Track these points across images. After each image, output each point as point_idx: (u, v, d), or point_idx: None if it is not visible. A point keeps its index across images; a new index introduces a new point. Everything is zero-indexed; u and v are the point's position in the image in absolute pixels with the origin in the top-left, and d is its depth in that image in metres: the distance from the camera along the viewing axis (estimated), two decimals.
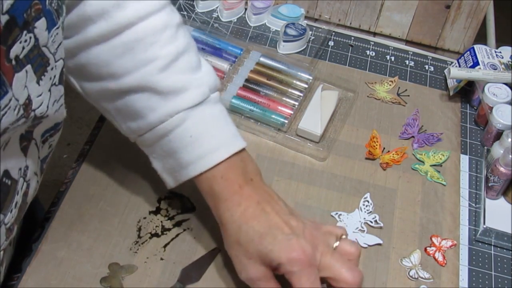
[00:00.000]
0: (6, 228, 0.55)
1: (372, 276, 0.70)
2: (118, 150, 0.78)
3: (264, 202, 0.62)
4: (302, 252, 0.58)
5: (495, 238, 0.74)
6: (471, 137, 0.87)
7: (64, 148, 1.85)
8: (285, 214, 0.62)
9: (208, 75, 0.65)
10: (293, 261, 0.58)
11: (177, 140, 0.62)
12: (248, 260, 0.60)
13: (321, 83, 0.88)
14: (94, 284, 0.65)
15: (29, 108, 0.49)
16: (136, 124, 0.64)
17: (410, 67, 0.96)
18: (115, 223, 0.71)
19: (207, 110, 0.63)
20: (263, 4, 0.98)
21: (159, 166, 0.66)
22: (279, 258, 0.58)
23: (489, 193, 0.78)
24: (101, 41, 0.61)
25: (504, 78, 0.86)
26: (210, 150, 0.62)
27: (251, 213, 0.61)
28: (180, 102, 0.62)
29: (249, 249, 0.60)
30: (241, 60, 0.90)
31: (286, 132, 0.82)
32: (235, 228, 0.61)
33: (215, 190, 0.62)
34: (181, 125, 0.62)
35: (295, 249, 0.58)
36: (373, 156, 0.82)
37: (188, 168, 0.62)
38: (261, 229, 0.60)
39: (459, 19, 0.96)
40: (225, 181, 0.62)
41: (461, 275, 0.71)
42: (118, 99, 0.64)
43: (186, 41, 0.64)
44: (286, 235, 0.59)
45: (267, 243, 0.59)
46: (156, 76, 0.61)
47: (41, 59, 0.49)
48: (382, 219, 0.75)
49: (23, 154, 0.54)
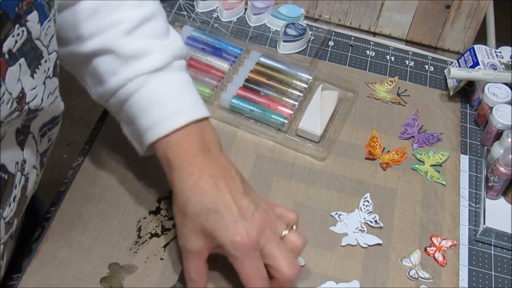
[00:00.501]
0: (5, 222, 0.55)
1: (372, 276, 0.70)
2: (118, 150, 0.78)
3: (218, 177, 0.60)
4: (247, 236, 0.57)
5: (495, 238, 0.74)
6: (471, 137, 0.87)
7: (64, 148, 1.85)
8: (238, 193, 0.60)
9: (175, 43, 0.65)
10: (236, 244, 0.58)
11: (137, 105, 0.62)
12: (190, 231, 0.60)
13: (321, 83, 0.88)
14: (94, 284, 0.65)
15: (23, 101, 0.49)
16: (101, 89, 0.64)
17: (410, 67, 0.96)
18: (115, 223, 0.71)
19: (169, 76, 0.63)
20: (263, 4, 0.98)
21: (127, 132, 0.66)
22: (221, 239, 0.58)
23: (489, 193, 0.78)
24: (69, 5, 0.61)
25: (504, 78, 0.86)
26: (167, 116, 0.61)
27: (202, 186, 0.59)
28: (140, 66, 0.62)
29: (193, 222, 0.59)
30: (241, 60, 0.90)
31: (286, 132, 0.82)
32: (183, 199, 0.60)
33: (169, 157, 0.61)
34: (140, 89, 0.62)
35: (240, 232, 0.57)
36: (373, 156, 0.82)
37: (146, 134, 0.62)
38: (209, 205, 0.58)
39: (459, 19, 0.96)
40: (179, 148, 0.61)
41: (461, 275, 0.71)
42: (86, 63, 0.64)
43: (154, 7, 0.64)
44: (234, 216, 0.58)
45: (213, 221, 0.58)
46: (120, 39, 0.62)
47: (34, 52, 0.50)
48: (382, 219, 0.75)
49: (20, 148, 0.55)
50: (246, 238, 0.58)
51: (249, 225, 0.58)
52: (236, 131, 0.82)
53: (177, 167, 0.61)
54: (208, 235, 0.59)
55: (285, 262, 0.59)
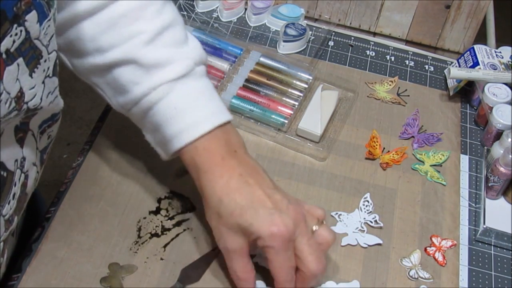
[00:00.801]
0: (5, 219, 0.55)
1: (372, 276, 0.70)
2: (118, 150, 0.78)
3: (247, 175, 0.61)
4: (284, 227, 0.58)
5: (495, 238, 0.74)
6: (471, 137, 0.87)
7: (64, 148, 1.85)
8: (269, 188, 0.61)
9: (194, 49, 0.65)
10: (273, 236, 0.58)
11: (161, 113, 0.63)
12: (227, 231, 0.61)
13: (321, 83, 0.88)
14: (94, 284, 0.65)
15: (22, 100, 0.50)
16: (123, 98, 0.65)
17: (410, 67, 0.96)
18: (115, 223, 0.71)
19: (192, 83, 0.64)
20: (263, 4, 0.98)
21: (151, 139, 0.67)
22: (259, 232, 0.58)
23: (489, 193, 0.78)
24: (87, 17, 0.62)
25: (504, 78, 0.86)
26: (193, 123, 0.62)
27: (233, 185, 0.60)
28: (163, 74, 0.62)
29: (229, 221, 0.60)
30: (241, 60, 0.90)
31: (286, 132, 0.82)
32: (216, 200, 0.61)
33: (197, 161, 0.62)
34: (165, 98, 0.62)
35: (277, 223, 0.58)
36: (373, 156, 0.82)
37: (173, 141, 0.63)
38: (242, 202, 0.59)
39: (459, 19, 0.96)
40: (207, 152, 0.62)
41: (461, 275, 0.71)
42: (105, 73, 0.64)
43: (173, 15, 0.64)
44: (269, 209, 0.59)
45: (248, 217, 0.59)
46: (141, 49, 0.62)
47: (33, 52, 0.50)
48: (382, 219, 0.75)
49: (19, 146, 0.55)
50: (284, 228, 0.58)
51: (285, 216, 0.59)
52: None
53: (205, 171, 0.62)
54: (246, 231, 0.59)
55: (313, 257, 0.60)
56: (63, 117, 0.63)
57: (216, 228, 0.62)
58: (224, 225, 0.61)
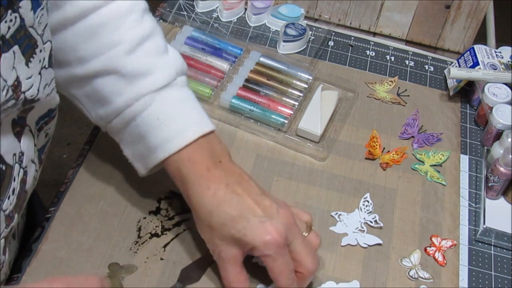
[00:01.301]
0: (5, 214, 0.55)
1: (372, 276, 0.70)
2: (118, 150, 0.78)
3: (234, 184, 0.61)
4: (277, 234, 0.59)
5: (495, 238, 0.74)
6: (471, 137, 0.87)
7: (64, 148, 1.85)
8: (257, 195, 0.61)
9: (175, 59, 0.65)
10: (268, 244, 0.58)
11: (144, 123, 0.62)
12: (221, 242, 0.61)
13: (321, 83, 0.88)
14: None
15: (19, 90, 0.50)
16: (104, 110, 0.64)
17: (410, 67, 0.96)
18: (115, 223, 0.71)
19: (174, 93, 0.64)
20: (263, 4, 0.98)
21: (129, 153, 0.66)
22: (253, 242, 0.59)
23: (489, 193, 0.78)
24: (67, 26, 0.61)
25: (504, 78, 0.86)
26: (177, 132, 0.62)
27: (221, 196, 0.60)
28: (145, 84, 0.62)
29: (222, 233, 0.60)
30: (241, 60, 0.90)
31: (286, 132, 0.82)
32: (206, 213, 0.61)
33: (183, 173, 0.62)
34: (148, 108, 0.62)
35: (269, 231, 0.58)
36: (373, 156, 0.82)
37: (156, 152, 0.62)
38: (233, 212, 0.59)
39: (459, 19, 0.96)
40: (192, 163, 0.61)
41: (461, 275, 0.71)
42: (85, 84, 0.64)
43: (152, 25, 0.64)
44: (259, 217, 0.59)
45: (241, 227, 0.59)
46: (122, 59, 0.62)
47: (28, 40, 0.50)
48: (382, 219, 0.75)
49: (17, 140, 0.55)
50: (277, 235, 0.58)
51: (276, 222, 0.59)
52: (236, 131, 0.82)
53: (192, 182, 0.61)
54: (239, 241, 0.60)
55: (310, 257, 0.61)
56: (63, 117, 0.63)
57: (210, 240, 0.62)
58: (217, 237, 0.61)
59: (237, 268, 0.62)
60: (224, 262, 0.62)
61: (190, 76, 0.85)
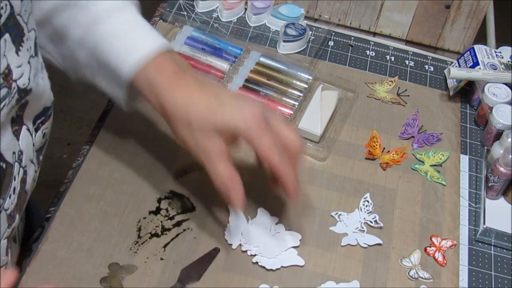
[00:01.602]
0: (7, 214, 0.56)
1: (372, 276, 0.70)
2: (118, 150, 0.78)
3: (205, 82, 0.62)
4: (255, 108, 0.60)
5: (495, 238, 0.74)
6: (471, 137, 0.87)
7: (64, 148, 1.85)
8: (228, 89, 0.62)
9: None
10: (248, 120, 0.59)
11: (106, 45, 0.63)
12: (202, 135, 0.60)
13: (321, 83, 0.88)
14: (94, 284, 0.65)
15: (10, 77, 0.50)
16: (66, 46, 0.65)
17: (410, 67, 0.96)
18: (115, 223, 0.71)
19: (133, 13, 0.65)
20: (263, 4, 0.98)
21: (104, 81, 0.66)
22: (234, 122, 0.59)
23: (489, 193, 0.78)
24: None
25: (504, 78, 0.86)
26: (140, 44, 0.62)
27: (194, 90, 0.61)
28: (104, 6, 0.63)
29: (201, 124, 0.59)
30: (241, 60, 0.90)
31: None
32: (182, 111, 0.60)
33: (153, 80, 0.61)
34: (108, 26, 0.63)
35: (247, 108, 0.59)
36: (373, 156, 0.82)
37: (124, 66, 0.62)
38: (208, 101, 0.60)
39: (459, 19, 0.96)
40: (159, 70, 0.62)
41: (461, 275, 0.71)
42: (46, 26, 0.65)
43: None
44: (236, 101, 0.60)
45: (219, 112, 0.59)
46: None
47: (17, 29, 0.51)
48: (382, 219, 0.75)
49: (16, 138, 0.55)
50: (256, 109, 0.59)
51: (251, 103, 0.60)
52: None
53: (162, 86, 0.61)
54: (221, 127, 0.59)
55: (293, 133, 0.62)
56: (63, 117, 0.63)
57: (190, 138, 0.61)
58: (197, 131, 0.60)
59: (226, 162, 0.61)
60: (211, 156, 0.60)
61: None
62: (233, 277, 0.68)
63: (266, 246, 0.70)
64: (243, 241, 0.70)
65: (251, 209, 0.74)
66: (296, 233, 0.72)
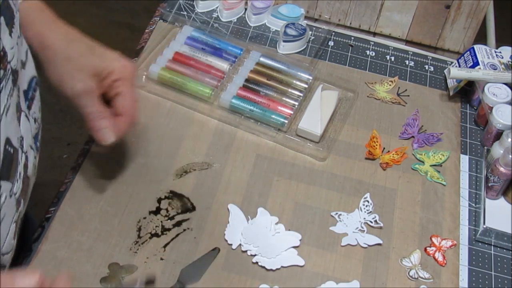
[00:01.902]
0: (16, 198, 0.57)
1: (372, 276, 0.70)
2: (118, 150, 0.78)
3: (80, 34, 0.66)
4: (130, 63, 0.66)
5: (495, 238, 0.74)
6: (471, 137, 0.87)
7: (64, 148, 1.84)
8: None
9: None
10: (126, 67, 0.65)
11: None
12: (78, 72, 0.63)
13: (321, 83, 0.88)
14: (94, 284, 0.65)
15: (5, 60, 0.51)
16: None
17: (410, 67, 0.96)
18: (115, 223, 0.71)
19: None
20: (263, 4, 0.98)
21: None
22: (112, 64, 0.65)
23: (489, 193, 0.78)
24: None
25: (504, 78, 0.86)
26: None
27: (74, 33, 0.65)
28: None
29: (80, 62, 0.63)
30: (241, 60, 0.90)
31: (286, 132, 0.82)
32: (63, 45, 0.63)
33: (36, 19, 0.63)
34: None
35: (124, 60, 0.66)
36: (373, 156, 0.82)
37: None
38: (88, 44, 0.65)
39: (459, 19, 0.96)
40: (42, 11, 0.65)
41: (461, 275, 0.71)
42: None
43: None
44: (110, 51, 0.66)
45: (99, 54, 0.65)
46: None
47: (9, 11, 0.52)
48: (382, 219, 0.75)
49: (18, 124, 0.57)
50: (130, 64, 0.66)
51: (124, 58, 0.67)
52: (236, 131, 0.82)
53: (43, 24, 0.64)
54: (98, 68, 0.64)
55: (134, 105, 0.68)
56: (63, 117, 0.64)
57: (66, 73, 0.63)
58: (74, 68, 0.63)
59: (98, 101, 0.65)
60: (83, 94, 0.64)
61: (190, 76, 0.85)
62: (233, 277, 0.68)
63: (266, 246, 0.70)
64: (243, 241, 0.70)
65: (251, 209, 0.74)
66: (296, 233, 0.72)
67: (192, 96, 0.84)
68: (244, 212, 0.73)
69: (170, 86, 0.85)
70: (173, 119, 0.82)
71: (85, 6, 2.11)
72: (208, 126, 0.82)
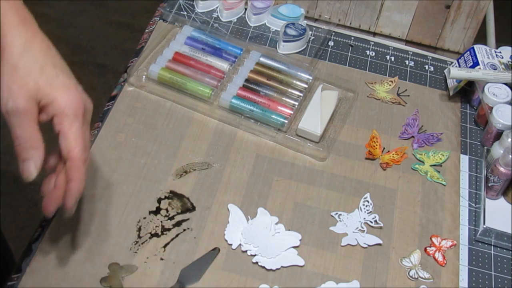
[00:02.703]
0: None
1: (372, 276, 0.70)
2: (117, 150, 0.78)
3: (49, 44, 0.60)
4: (81, 99, 0.58)
5: (495, 238, 0.74)
6: (471, 137, 0.87)
7: None
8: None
9: None
10: (70, 102, 0.57)
11: None
12: (19, 89, 0.56)
13: (321, 83, 0.88)
14: (94, 284, 0.65)
15: None
16: None
17: (410, 67, 0.96)
18: (115, 223, 0.71)
19: None
20: (263, 4, 0.98)
21: None
22: (56, 94, 0.57)
23: (489, 193, 0.78)
24: None
25: (504, 78, 0.86)
26: None
27: (37, 43, 0.58)
28: None
29: (25, 79, 0.57)
30: (241, 60, 0.90)
31: (286, 132, 0.82)
32: (17, 52, 0.57)
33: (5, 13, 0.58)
34: None
35: (75, 92, 0.58)
36: (373, 156, 0.82)
37: None
38: (45, 61, 0.58)
39: (459, 19, 0.96)
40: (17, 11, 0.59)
41: (461, 275, 0.71)
42: None
43: None
44: (68, 78, 0.58)
45: (49, 76, 0.57)
46: None
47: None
48: (382, 219, 0.75)
49: None
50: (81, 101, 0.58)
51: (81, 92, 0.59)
52: (236, 131, 0.82)
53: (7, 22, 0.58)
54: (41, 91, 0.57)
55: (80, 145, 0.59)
56: None
57: (5, 84, 0.57)
58: (16, 83, 0.56)
59: (34, 125, 0.57)
60: (20, 114, 0.56)
61: (190, 76, 0.85)
62: (233, 277, 0.68)
63: (266, 246, 0.70)
64: (243, 241, 0.70)
65: (251, 209, 0.74)
66: (296, 233, 0.72)
67: (192, 96, 0.85)
68: (244, 212, 0.73)
69: (170, 86, 0.85)
70: (173, 119, 0.82)
71: (85, 6, 2.11)
72: (208, 126, 0.82)
